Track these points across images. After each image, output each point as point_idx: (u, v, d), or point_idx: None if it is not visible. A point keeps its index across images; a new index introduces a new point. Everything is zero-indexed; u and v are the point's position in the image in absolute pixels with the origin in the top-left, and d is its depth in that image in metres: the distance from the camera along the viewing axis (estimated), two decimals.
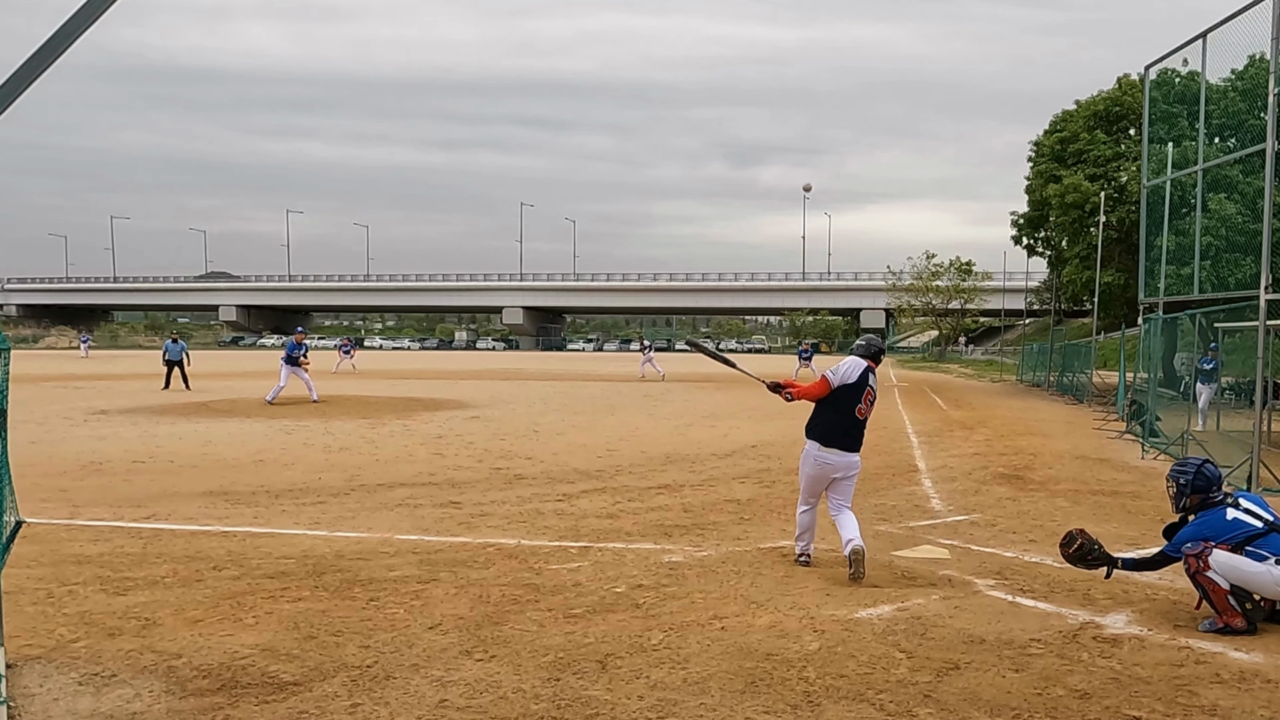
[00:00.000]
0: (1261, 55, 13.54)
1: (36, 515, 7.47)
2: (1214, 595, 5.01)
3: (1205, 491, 5.39)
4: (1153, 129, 16.17)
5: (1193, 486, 5.41)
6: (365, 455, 12.00)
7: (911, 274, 77.71)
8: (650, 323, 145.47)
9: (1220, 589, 4.99)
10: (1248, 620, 4.95)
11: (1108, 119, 28.83)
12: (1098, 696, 4.04)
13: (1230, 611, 4.96)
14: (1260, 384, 10.07)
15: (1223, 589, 4.99)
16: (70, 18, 3.21)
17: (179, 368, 24.60)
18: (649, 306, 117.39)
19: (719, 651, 4.53)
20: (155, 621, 4.93)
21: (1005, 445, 13.89)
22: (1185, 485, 5.45)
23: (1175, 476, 5.55)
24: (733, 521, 7.83)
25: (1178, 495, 5.50)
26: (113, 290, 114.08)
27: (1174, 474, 5.58)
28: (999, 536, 7.34)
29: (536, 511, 8.18)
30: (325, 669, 4.27)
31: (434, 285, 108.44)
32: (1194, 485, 5.41)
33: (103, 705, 3.85)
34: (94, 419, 16.67)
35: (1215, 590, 5.01)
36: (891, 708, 3.89)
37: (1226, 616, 4.97)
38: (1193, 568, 5.09)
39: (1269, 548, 5.04)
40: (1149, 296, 14.99)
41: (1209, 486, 5.40)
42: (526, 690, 4.04)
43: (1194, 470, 5.46)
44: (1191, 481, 5.42)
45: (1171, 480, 5.57)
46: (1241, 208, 15.36)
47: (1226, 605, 4.98)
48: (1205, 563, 5.04)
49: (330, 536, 7.11)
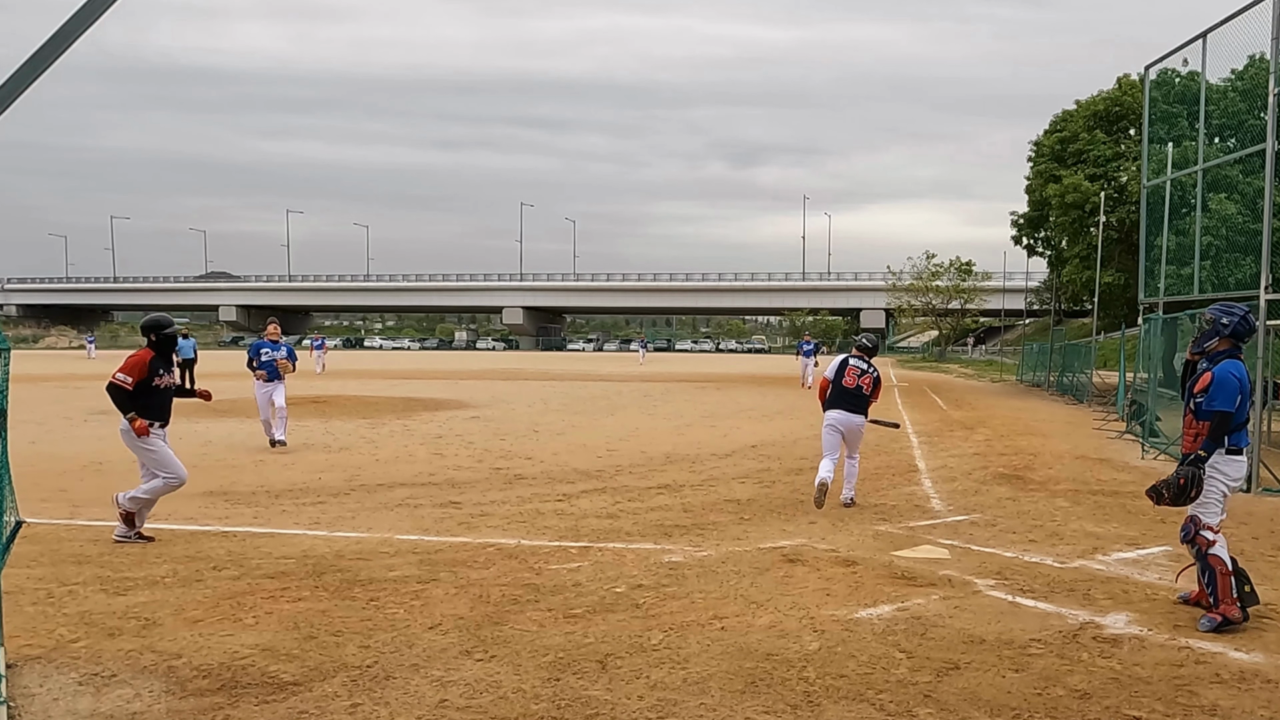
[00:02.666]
0: (1261, 55, 13.55)
1: (36, 515, 7.47)
2: (1220, 576, 4.99)
3: (1241, 339, 5.28)
4: (1153, 129, 16.17)
5: (1234, 330, 5.25)
6: (365, 455, 12.00)
7: (911, 274, 77.71)
8: (650, 323, 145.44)
9: (1225, 569, 4.99)
10: (1243, 606, 4.96)
11: (1108, 119, 28.82)
12: (1098, 696, 4.04)
13: (1229, 600, 4.96)
14: (1260, 384, 10.07)
15: (1227, 569, 4.99)
16: (70, 18, 3.21)
17: (190, 368, 23.70)
18: (649, 306, 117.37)
19: (719, 651, 4.53)
20: (155, 621, 4.93)
21: (1005, 445, 13.89)
22: (1227, 326, 5.26)
23: (1218, 315, 5.32)
24: (733, 521, 7.83)
25: (1210, 334, 5.30)
26: (113, 290, 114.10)
27: (1217, 312, 5.35)
28: (999, 536, 7.34)
29: (536, 511, 8.18)
30: (325, 669, 4.27)
31: (434, 285, 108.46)
32: (1236, 329, 5.26)
33: (103, 705, 3.85)
34: (94, 419, 16.67)
35: (1220, 570, 4.99)
36: (891, 708, 3.89)
37: (1224, 606, 4.97)
38: (1202, 546, 5.08)
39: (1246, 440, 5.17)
40: (1149, 296, 15.00)
41: (1246, 335, 5.30)
42: (526, 690, 4.04)
43: (1240, 316, 5.29)
44: (1235, 326, 5.26)
45: (1211, 318, 5.33)
46: (1241, 208, 15.34)
47: (1228, 589, 4.96)
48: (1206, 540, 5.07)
49: (330, 536, 7.11)
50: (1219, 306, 5.42)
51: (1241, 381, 5.13)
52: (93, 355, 55.78)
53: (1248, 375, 5.19)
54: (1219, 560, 5.04)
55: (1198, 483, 5.06)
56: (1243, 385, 5.13)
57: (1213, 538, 5.13)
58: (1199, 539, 5.16)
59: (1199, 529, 5.17)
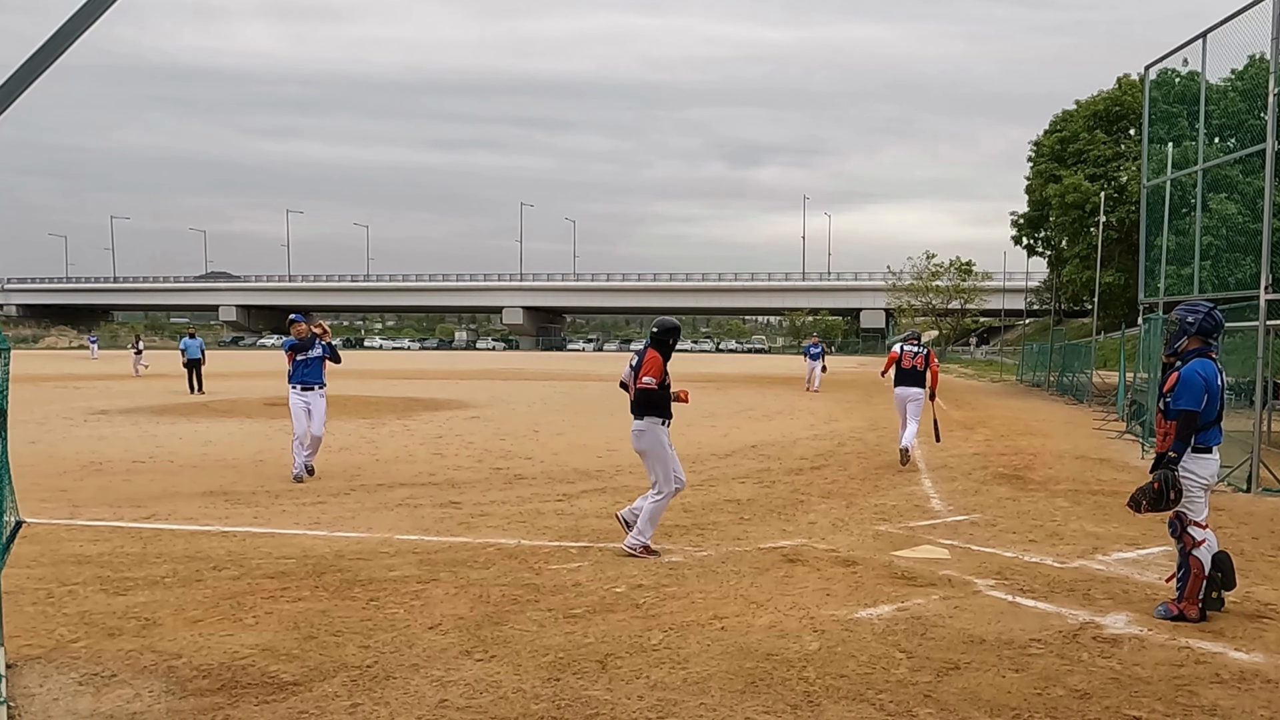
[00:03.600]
0: (1261, 55, 13.54)
1: (36, 515, 7.47)
2: (1193, 577, 5.09)
3: (1209, 335, 5.27)
4: (1153, 129, 16.16)
5: (1200, 328, 5.26)
6: (365, 455, 12.00)
7: (911, 274, 77.69)
8: (650, 323, 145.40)
9: (1201, 573, 5.08)
10: (1203, 610, 5.07)
11: (1108, 119, 28.83)
12: (1098, 696, 4.04)
13: (1193, 600, 5.07)
14: (1260, 384, 10.07)
15: (1203, 573, 5.08)
16: (70, 18, 3.21)
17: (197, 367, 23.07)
18: (649, 306, 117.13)
19: (719, 651, 4.53)
20: (155, 621, 4.93)
21: (1005, 445, 13.89)
22: (1193, 324, 5.27)
23: (1183, 315, 5.33)
24: (733, 521, 7.83)
25: (1179, 334, 5.31)
26: (113, 290, 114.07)
27: (1182, 312, 5.36)
28: (999, 536, 7.34)
29: (536, 511, 8.18)
30: (325, 669, 4.27)
31: (434, 285, 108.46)
32: (1201, 326, 5.26)
33: (103, 705, 3.85)
34: (94, 419, 16.67)
35: (1196, 572, 5.09)
36: (891, 708, 3.89)
37: (1186, 604, 5.09)
38: (1188, 545, 5.16)
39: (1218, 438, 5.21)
40: (1149, 296, 14.99)
41: (1214, 331, 5.29)
42: (526, 690, 4.04)
43: (1204, 312, 5.29)
44: (1200, 323, 5.26)
45: (1176, 319, 5.36)
46: (1241, 208, 15.34)
47: (1196, 590, 5.07)
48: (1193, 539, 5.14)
49: (330, 536, 7.11)
50: (1183, 307, 5.46)
51: (1208, 380, 5.13)
52: (96, 356, 55.51)
53: (1218, 374, 5.19)
54: (1198, 563, 5.11)
55: (1173, 485, 5.08)
56: (1209, 384, 5.13)
57: (1200, 536, 5.17)
58: (1185, 536, 5.21)
59: (1185, 526, 5.22)
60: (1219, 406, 5.18)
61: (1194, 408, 5.08)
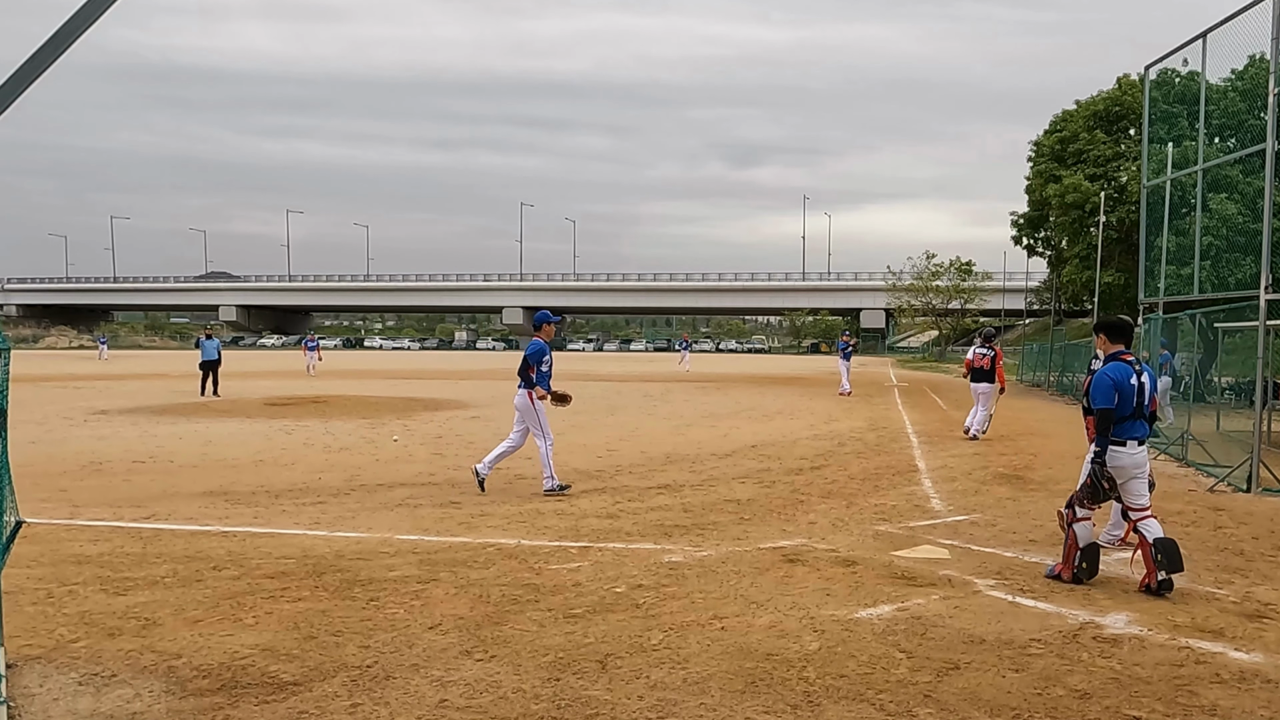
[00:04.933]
0: (1261, 55, 13.54)
1: (36, 515, 7.47)
2: (1069, 546, 5.86)
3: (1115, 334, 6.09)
4: (1153, 129, 16.17)
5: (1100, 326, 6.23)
6: (365, 455, 12.00)
7: (911, 274, 77.74)
8: (650, 323, 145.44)
9: (1074, 546, 5.82)
10: (1075, 578, 5.80)
11: (1108, 119, 28.85)
12: (1098, 696, 4.04)
13: (1068, 564, 5.85)
14: (1260, 384, 10.07)
15: (1076, 546, 5.82)
16: (70, 18, 3.21)
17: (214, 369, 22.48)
18: (649, 306, 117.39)
19: (719, 651, 4.53)
20: (155, 621, 4.93)
21: (1005, 445, 13.89)
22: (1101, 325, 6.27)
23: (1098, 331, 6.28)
24: (733, 521, 7.83)
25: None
26: (113, 290, 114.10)
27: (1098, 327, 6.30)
28: (999, 536, 7.34)
29: (536, 511, 8.18)
30: (325, 669, 4.27)
31: (434, 285, 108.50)
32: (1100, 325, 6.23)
33: (103, 705, 3.85)
34: (94, 419, 16.67)
35: (1071, 544, 5.84)
36: (891, 708, 3.89)
37: (1063, 567, 5.89)
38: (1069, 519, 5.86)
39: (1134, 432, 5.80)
40: (1149, 297, 15.00)
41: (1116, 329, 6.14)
42: (526, 690, 4.04)
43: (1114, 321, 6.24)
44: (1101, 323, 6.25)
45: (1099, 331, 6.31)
46: (1241, 208, 15.35)
47: (1070, 558, 5.84)
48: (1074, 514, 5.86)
49: (330, 536, 7.11)
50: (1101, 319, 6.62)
51: (1116, 381, 5.77)
52: (104, 356, 54.88)
53: (1129, 376, 5.80)
54: (1074, 535, 5.82)
55: (1103, 477, 5.78)
56: (1117, 383, 5.76)
57: (1082, 514, 5.87)
58: (1067, 513, 5.89)
59: (1071, 504, 5.90)
60: (1134, 404, 5.79)
61: (1107, 405, 5.74)
